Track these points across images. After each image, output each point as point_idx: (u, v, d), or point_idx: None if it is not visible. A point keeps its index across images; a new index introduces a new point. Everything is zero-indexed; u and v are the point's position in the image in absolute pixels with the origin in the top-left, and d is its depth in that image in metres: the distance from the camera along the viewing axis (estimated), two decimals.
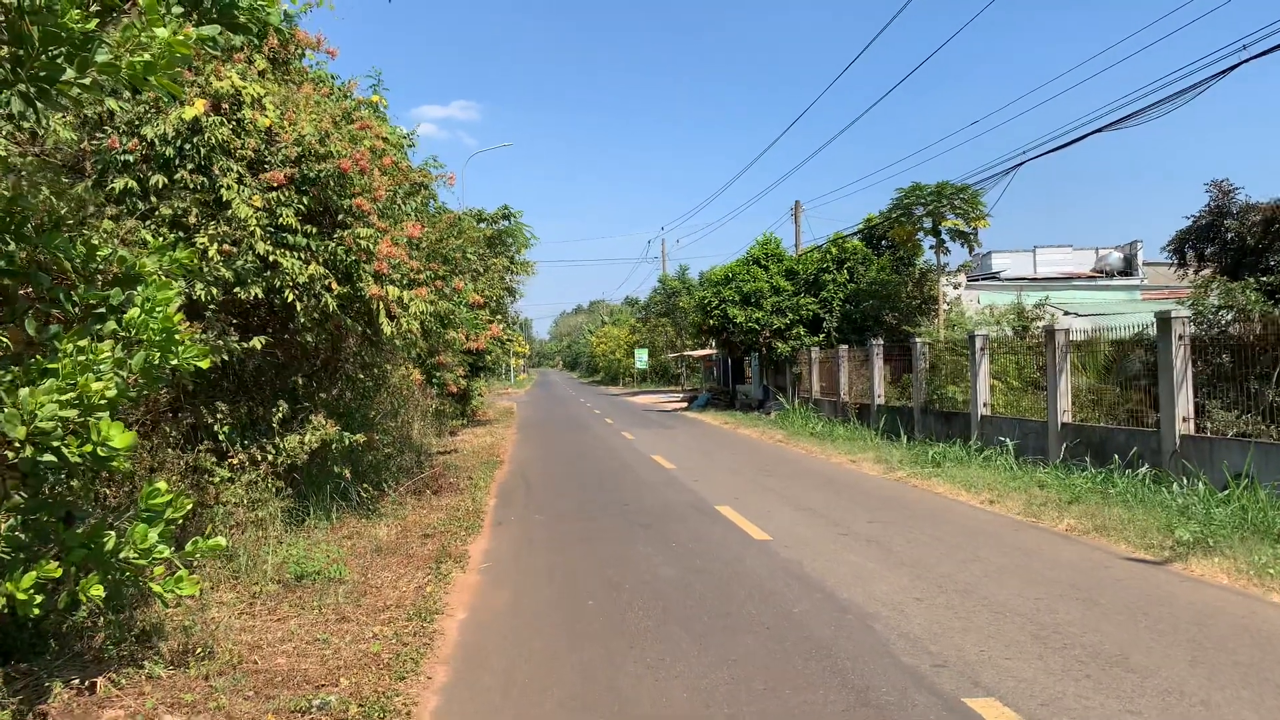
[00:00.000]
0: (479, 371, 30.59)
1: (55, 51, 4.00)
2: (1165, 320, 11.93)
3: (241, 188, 8.41)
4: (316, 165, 8.89)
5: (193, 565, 6.50)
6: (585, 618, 6.84)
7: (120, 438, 4.45)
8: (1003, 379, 17.06)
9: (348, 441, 9.81)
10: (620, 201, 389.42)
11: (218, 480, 8.71)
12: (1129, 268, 37.83)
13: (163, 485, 4.97)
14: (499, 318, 24.76)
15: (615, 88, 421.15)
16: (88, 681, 5.12)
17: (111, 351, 4.65)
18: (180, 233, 8.13)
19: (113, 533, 4.82)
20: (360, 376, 12.08)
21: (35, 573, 4.40)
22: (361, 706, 4.97)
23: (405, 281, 9.95)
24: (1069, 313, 25.09)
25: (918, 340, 20.39)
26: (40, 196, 5.48)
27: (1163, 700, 4.89)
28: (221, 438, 9.01)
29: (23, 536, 4.69)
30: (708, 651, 5.90)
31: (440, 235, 14.40)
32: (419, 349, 13.77)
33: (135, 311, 4.85)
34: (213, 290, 8.09)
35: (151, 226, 7.96)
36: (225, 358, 8.23)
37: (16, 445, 4.30)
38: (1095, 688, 5.09)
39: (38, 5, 3.90)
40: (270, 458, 9.20)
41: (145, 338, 4.84)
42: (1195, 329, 12.18)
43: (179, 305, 5.28)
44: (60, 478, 5.13)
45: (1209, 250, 20.41)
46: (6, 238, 4.73)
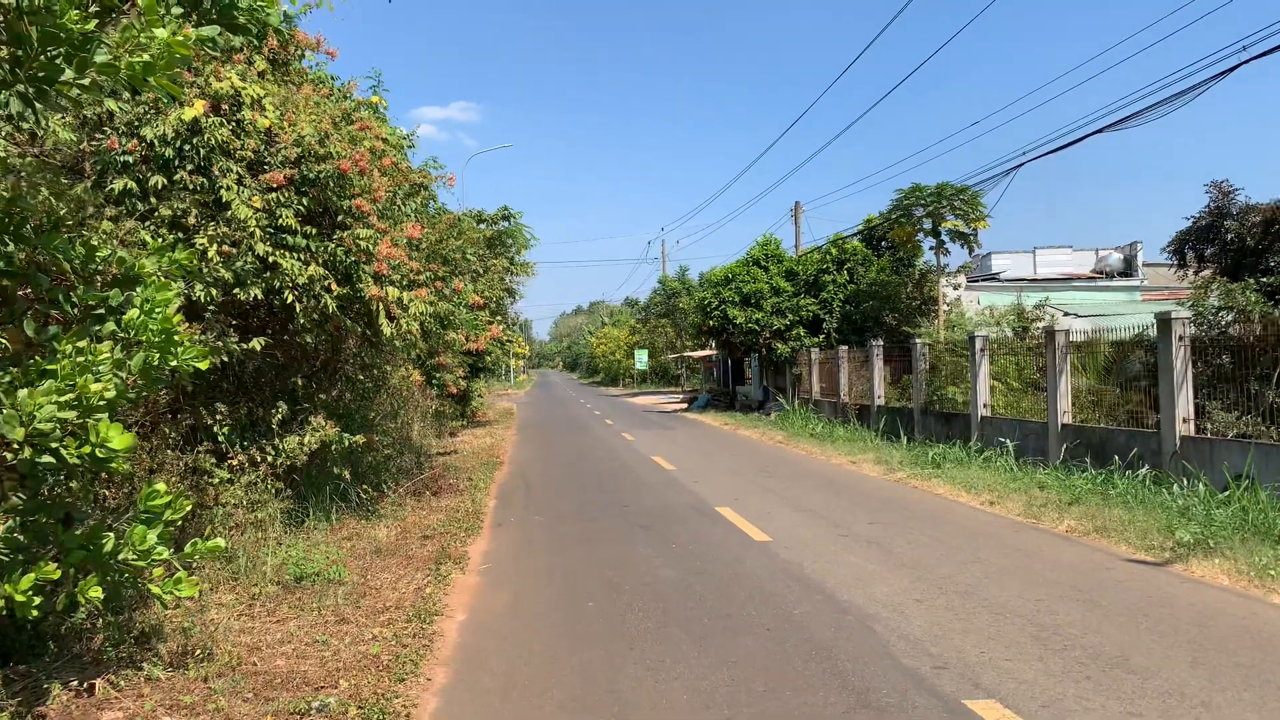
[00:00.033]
0: (479, 372, 30.60)
1: (54, 52, 4.00)
2: (1165, 321, 11.92)
3: (241, 189, 8.40)
4: (316, 166, 8.88)
5: (192, 567, 6.50)
6: (585, 619, 6.84)
7: (119, 439, 4.45)
8: (1003, 380, 17.05)
9: (347, 443, 9.80)
10: (620, 202, 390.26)
11: (217, 481, 8.70)
12: (1129, 269, 37.80)
13: (162, 487, 4.97)
14: (499, 319, 24.77)
15: (615, 88, 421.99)
16: (86, 683, 5.12)
17: (110, 353, 4.65)
18: (179, 234, 8.13)
19: (112, 534, 4.81)
20: (360, 378, 12.07)
21: (34, 574, 4.39)
22: (361, 708, 4.96)
23: (405, 282, 9.95)
24: (1069, 314, 25.07)
25: (918, 341, 20.39)
26: (39, 197, 5.48)
27: (1163, 702, 4.88)
28: (221, 439, 9.00)
29: (21, 538, 4.68)
30: (708, 653, 5.90)
31: (440, 236, 14.40)
32: (419, 350, 13.76)
33: (134, 312, 4.85)
34: (212, 291, 8.09)
35: (151, 227, 7.95)
36: (225, 359, 8.22)
37: (15, 446, 4.29)
38: (1096, 689, 5.08)
39: (36, 5, 3.89)
40: (270, 459, 9.19)
41: (144, 339, 4.83)
42: (1195, 330, 12.17)
43: (178, 306, 5.28)
44: (59, 479, 5.12)
45: (1209, 251, 20.39)
46: (6, 239, 4.73)
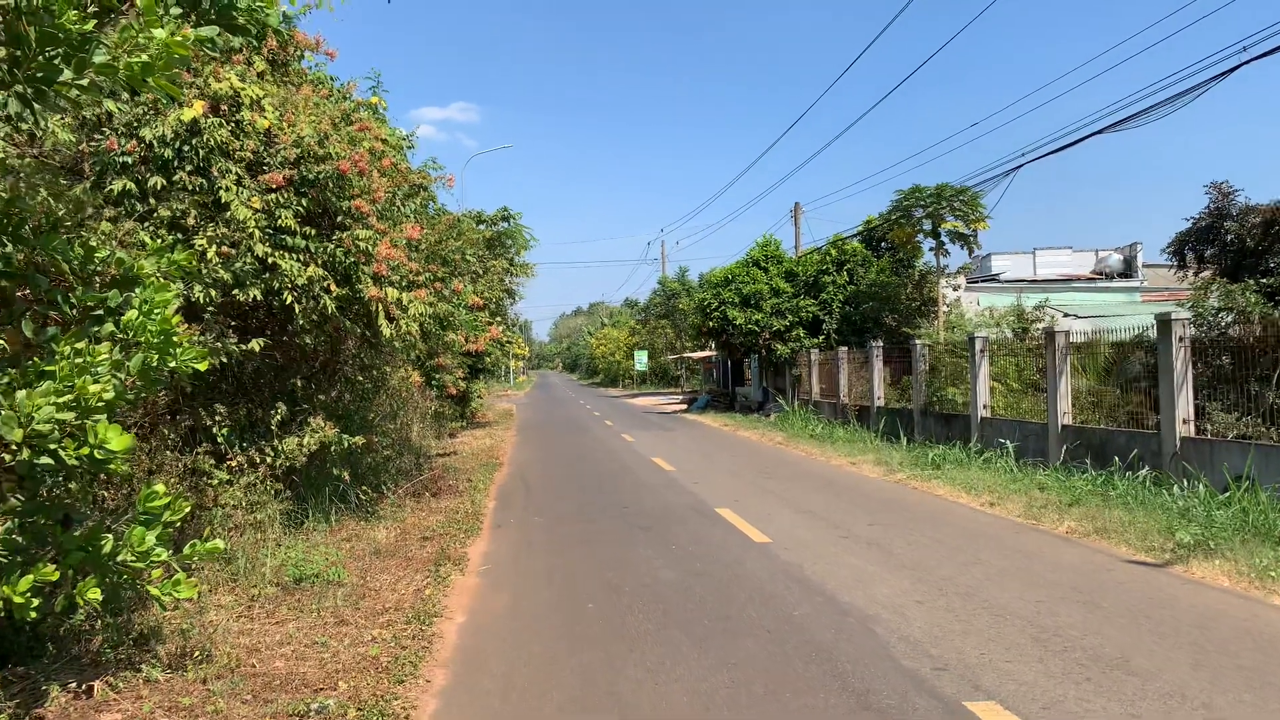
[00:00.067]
0: (478, 373, 30.56)
1: (53, 52, 3.99)
2: (1165, 322, 11.92)
3: (240, 189, 8.39)
4: (315, 167, 8.87)
5: (191, 568, 6.48)
6: (585, 621, 6.82)
7: (118, 440, 4.44)
8: (1003, 381, 17.04)
9: (346, 444, 9.79)
10: (620, 203, 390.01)
11: (216, 483, 8.69)
12: (1129, 270, 37.79)
13: (161, 488, 4.96)
14: (498, 319, 24.77)
15: (615, 88, 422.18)
16: (85, 685, 5.11)
17: (109, 354, 4.64)
18: (179, 234, 8.13)
19: (110, 535, 4.81)
20: (359, 378, 12.07)
21: (32, 576, 4.38)
22: (360, 710, 4.95)
23: (404, 283, 9.94)
24: (1069, 315, 25.04)
25: (917, 342, 20.37)
26: (38, 198, 5.48)
27: (1164, 704, 4.87)
28: (220, 440, 8.99)
29: (20, 539, 4.67)
30: (708, 655, 5.88)
31: (439, 237, 14.39)
32: (418, 351, 13.75)
33: (133, 313, 4.84)
34: (211, 292, 8.08)
35: (150, 228, 7.94)
36: (224, 360, 8.21)
37: (14, 448, 4.29)
38: (1096, 691, 5.07)
39: (35, 6, 3.88)
40: (269, 460, 9.18)
41: (143, 340, 4.83)
42: (1195, 331, 12.16)
43: (177, 307, 5.27)
44: (58, 480, 5.11)
45: (1209, 252, 20.42)
46: (4, 239, 4.72)
